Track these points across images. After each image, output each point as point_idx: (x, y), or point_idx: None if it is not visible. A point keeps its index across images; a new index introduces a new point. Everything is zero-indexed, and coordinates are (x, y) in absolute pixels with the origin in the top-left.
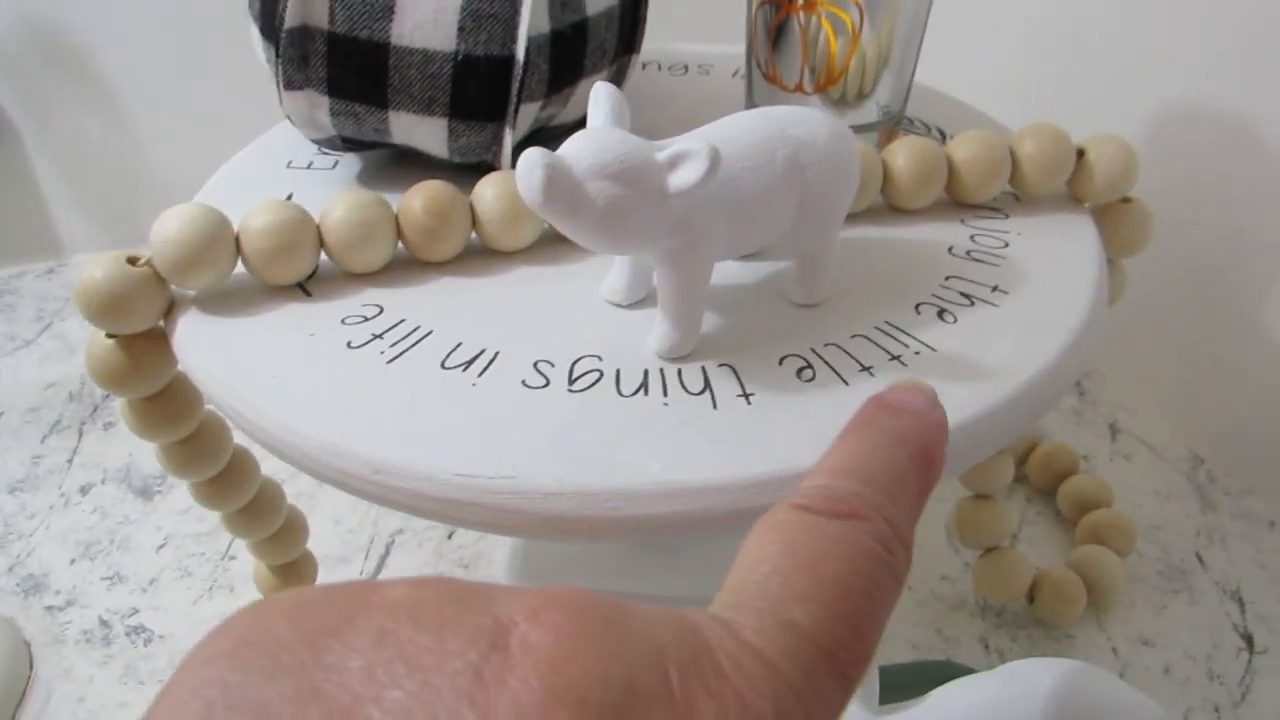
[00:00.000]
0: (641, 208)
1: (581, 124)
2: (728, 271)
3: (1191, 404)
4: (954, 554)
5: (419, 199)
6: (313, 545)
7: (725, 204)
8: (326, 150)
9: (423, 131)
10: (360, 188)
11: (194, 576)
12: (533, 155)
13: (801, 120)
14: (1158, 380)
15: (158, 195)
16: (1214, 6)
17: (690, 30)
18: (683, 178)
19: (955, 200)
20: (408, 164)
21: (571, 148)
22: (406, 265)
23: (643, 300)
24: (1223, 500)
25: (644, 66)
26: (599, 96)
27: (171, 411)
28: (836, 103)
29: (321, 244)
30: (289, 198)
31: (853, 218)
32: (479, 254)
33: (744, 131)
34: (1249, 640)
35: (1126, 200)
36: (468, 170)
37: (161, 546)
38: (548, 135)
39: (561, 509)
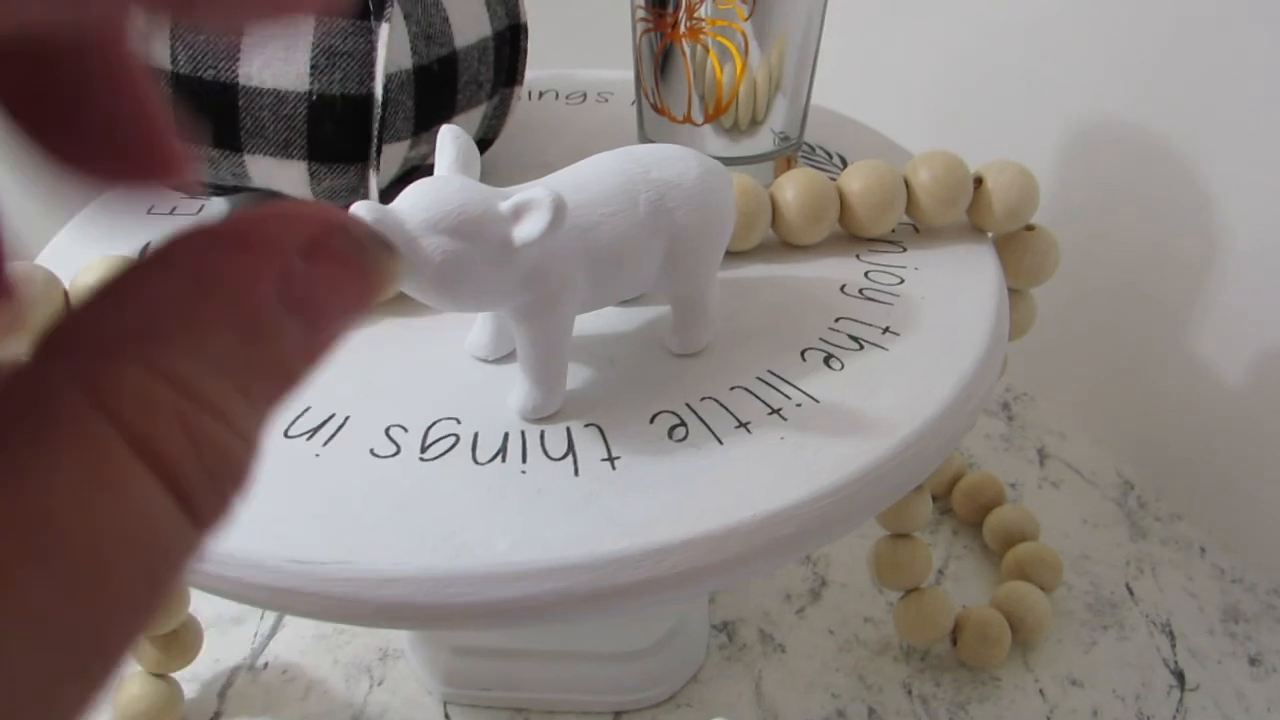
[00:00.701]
0: (484, 263)
1: None
2: (605, 318)
3: (1121, 427)
4: (878, 594)
5: None
6: (205, 603)
7: (583, 254)
8: (189, 195)
9: (283, 176)
10: None
11: None
12: (359, 208)
13: (668, 160)
14: (1087, 403)
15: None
16: (1120, 26)
17: (592, 56)
18: (527, 229)
19: (850, 234)
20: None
21: (405, 200)
22: None
23: (510, 354)
24: (1153, 526)
25: (539, 95)
26: (444, 141)
27: None
28: (729, 132)
29: None
30: (145, 247)
31: (741, 256)
32: None
33: (604, 175)
34: (1180, 677)
35: (1029, 228)
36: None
37: None
38: (425, 175)
39: (399, 596)
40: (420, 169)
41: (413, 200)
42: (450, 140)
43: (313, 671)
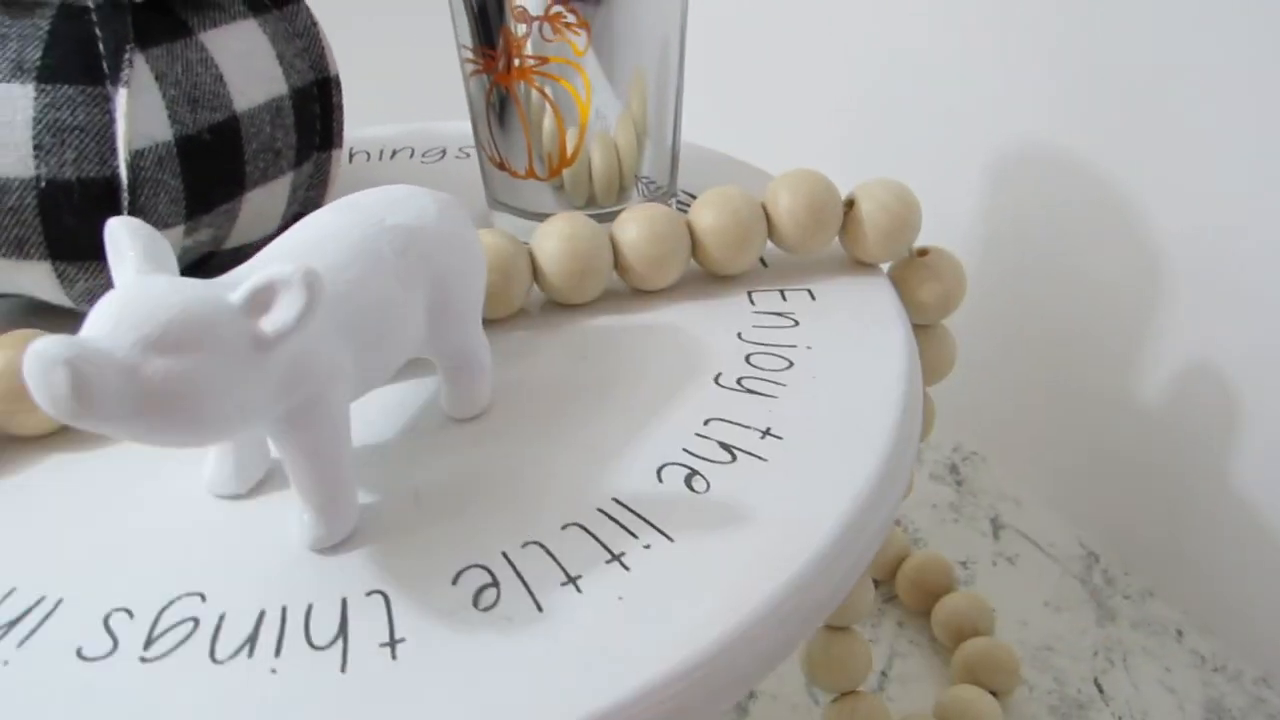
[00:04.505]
0: (228, 375)
1: (269, 240)
2: (405, 431)
3: (1080, 490)
4: (813, 705)
5: None
6: None
7: (342, 330)
8: None
9: (26, 279)
10: None
11: None
12: (46, 349)
13: (400, 203)
14: (1041, 462)
15: None
16: (1031, 45)
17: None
18: (280, 318)
19: (708, 272)
20: (45, 309)
21: (100, 324)
22: None
23: (264, 482)
24: (1122, 607)
25: (392, 154)
26: (118, 239)
27: None
28: (587, 184)
29: None
30: None
31: (582, 308)
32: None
33: (333, 234)
34: None
35: (922, 253)
36: None
37: None
38: (223, 263)
39: None
40: (219, 254)
41: (112, 321)
42: (126, 235)
43: None
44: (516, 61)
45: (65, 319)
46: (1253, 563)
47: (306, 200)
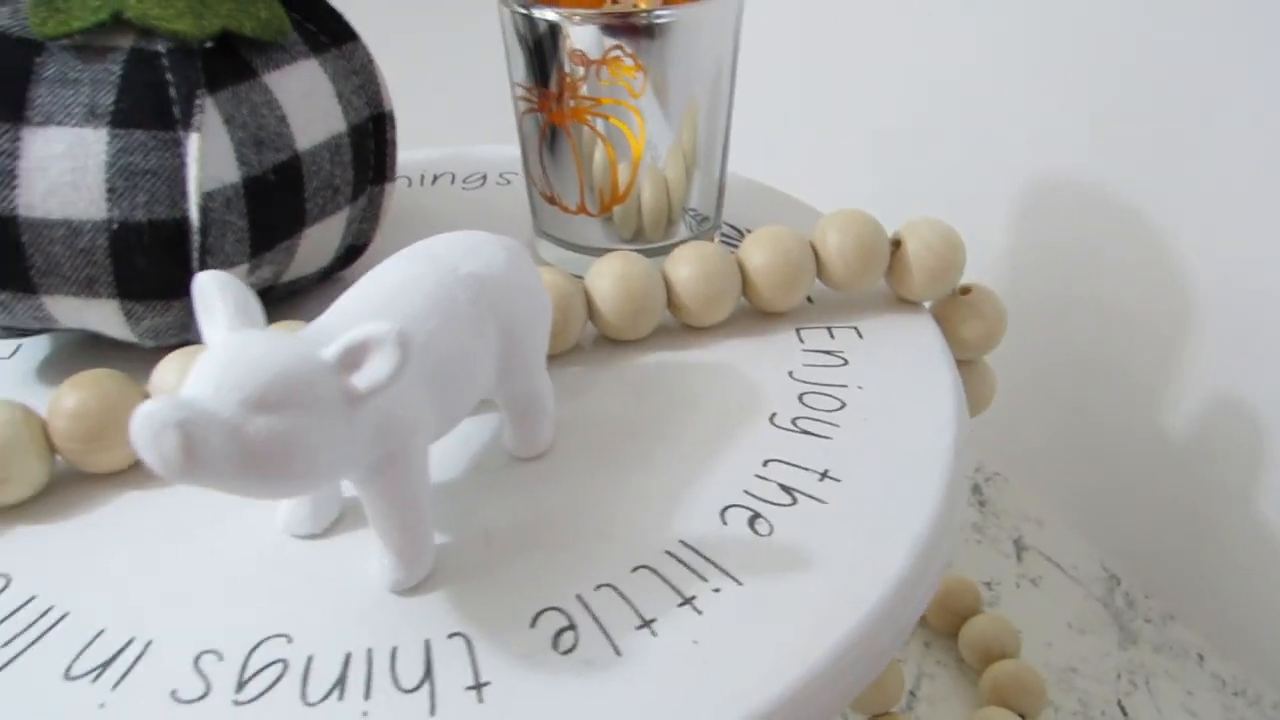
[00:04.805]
0: (325, 432)
1: (327, 275)
2: (471, 474)
3: (1102, 512)
4: None
5: (70, 399)
6: None
7: (426, 383)
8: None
9: (94, 316)
10: (39, 382)
11: None
12: (156, 412)
13: (472, 251)
14: (1063, 484)
15: None
16: (1066, 79)
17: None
18: (372, 375)
19: (757, 309)
20: (107, 343)
21: (203, 384)
22: (70, 481)
23: (337, 523)
24: (1144, 630)
25: (433, 180)
26: (208, 294)
27: None
28: (635, 219)
29: None
30: None
31: (636, 345)
32: None
33: (408, 285)
34: None
35: (965, 290)
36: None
37: None
38: (279, 296)
39: None
40: (276, 288)
41: (215, 382)
42: (217, 291)
43: None
44: (572, 102)
45: (126, 351)
46: (1273, 588)
47: (359, 233)
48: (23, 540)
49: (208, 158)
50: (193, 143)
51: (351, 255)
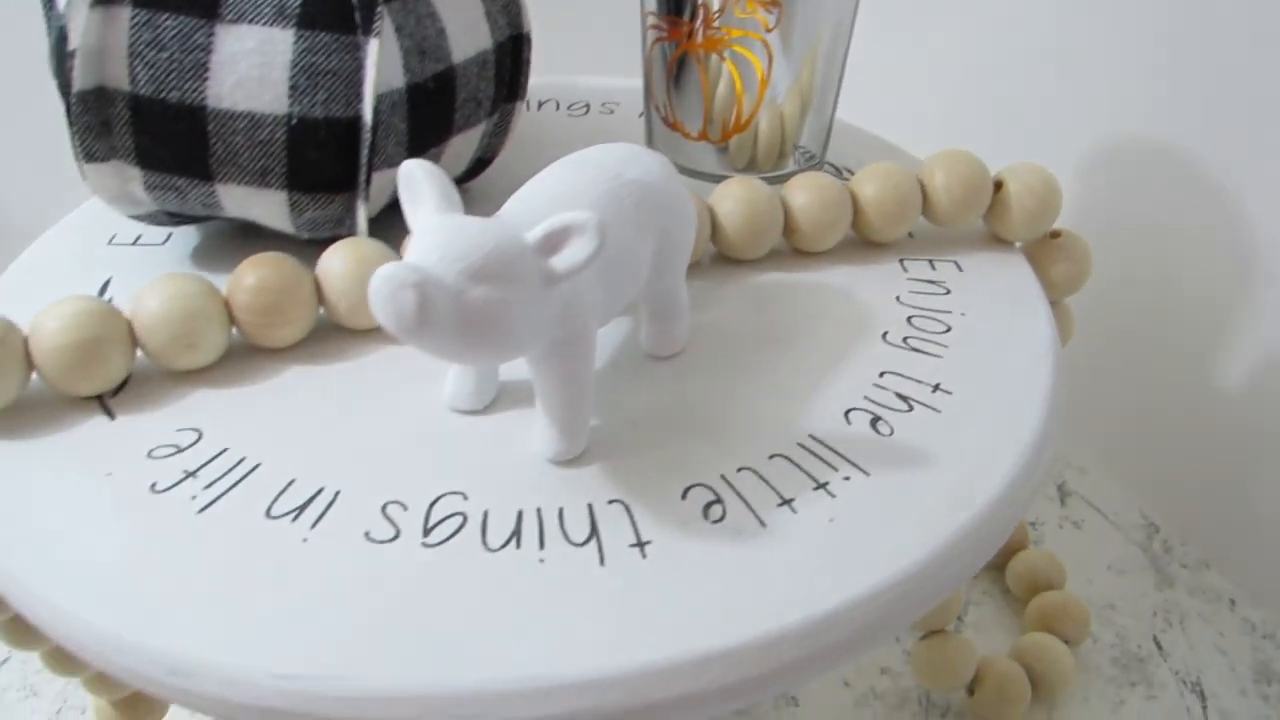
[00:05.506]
0: (527, 305)
1: (456, 185)
2: (616, 366)
3: (1143, 462)
4: (893, 641)
5: (251, 277)
6: None
7: (597, 277)
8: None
9: (259, 206)
10: (194, 268)
11: (41, 697)
12: (396, 273)
13: (630, 160)
14: (1107, 434)
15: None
16: (1149, 38)
17: (597, 62)
18: (570, 258)
19: (864, 239)
20: (253, 234)
21: (431, 253)
22: (243, 354)
23: (494, 403)
24: (1180, 574)
25: (539, 106)
26: (418, 180)
27: None
28: (749, 149)
29: (136, 343)
30: (106, 284)
31: (752, 265)
32: (330, 334)
33: (584, 186)
34: None
35: (1055, 234)
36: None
37: (5, 661)
38: None
39: (401, 718)
40: None
41: (440, 251)
42: (425, 178)
43: None
44: (707, 31)
45: (268, 244)
46: None
47: (488, 146)
48: (207, 402)
49: (382, 63)
50: (372, 47)
51: (479, 167)
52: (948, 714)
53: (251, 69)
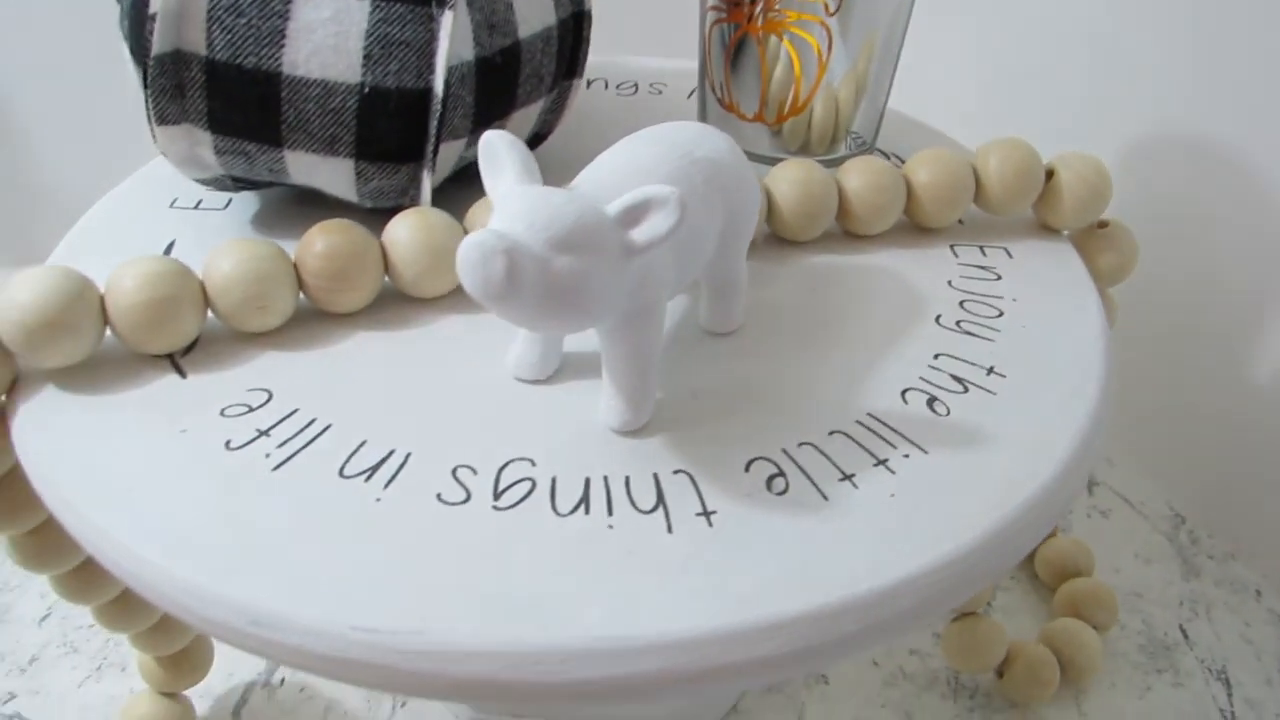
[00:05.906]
0: (607, 276)
1: None
2: (675, 340)
3: (1171, 455)
4: None
5: (320, 242)
6: None
7: (673, 249)
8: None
9: (326, 173)
10: (255, 233)
11: (80, 654)
12: (486, 240)
13: (700, 139)
14: (1135, 427)
15: (54, 211)
16: (1195, 33)
17: (645, 43)
18: (651, 231)
19: (916, 224)
20: (312, 201)
21: (518, 220)
22: (309, 319)
23: (558, 374)
24: (1206, 565)
25: (588, 85)
26: (500, 151)
27: (9, 504)
28: (803, 133)
29: (207, 304)
30: (170, 246)
31: (805, 246)
32: (394, 302)
33: (654, 162)
34: None
35: (1103, 224)
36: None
37: (45, 618)
38: (474, 174)
39: (479, 672)
40: (472, 166)
41: (526, 220)
42: (506, 149)
43: (332, 689)
44: (769, 14)
45: (327, 213)
46: None
47: (545, 122)
48: (276, 364)
49: (454, 35)
50: (446, 19)
51: (534, 143)
52: (976, 695)
53: (327, 37)
